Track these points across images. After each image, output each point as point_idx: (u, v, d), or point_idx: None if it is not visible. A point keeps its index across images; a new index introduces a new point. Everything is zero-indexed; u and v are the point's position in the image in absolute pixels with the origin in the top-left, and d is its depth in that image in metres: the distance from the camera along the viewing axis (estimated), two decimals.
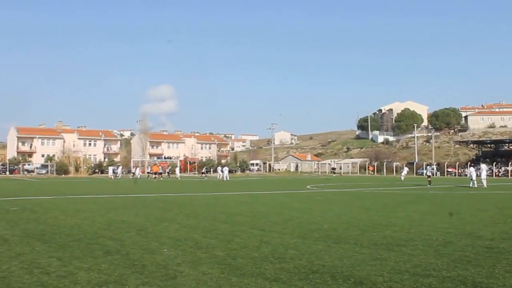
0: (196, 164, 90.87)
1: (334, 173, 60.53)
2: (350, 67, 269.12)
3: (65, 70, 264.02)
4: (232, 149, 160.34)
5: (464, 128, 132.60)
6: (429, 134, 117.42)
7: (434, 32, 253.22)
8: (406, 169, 60.26)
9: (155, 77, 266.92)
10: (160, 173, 61.95)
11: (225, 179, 56.38)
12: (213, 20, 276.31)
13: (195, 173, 79.93)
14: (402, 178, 54.34)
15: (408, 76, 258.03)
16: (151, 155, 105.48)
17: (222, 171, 60.38)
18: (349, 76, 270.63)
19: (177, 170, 70.05)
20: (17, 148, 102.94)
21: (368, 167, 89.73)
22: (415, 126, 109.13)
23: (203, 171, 73.17)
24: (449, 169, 79.78)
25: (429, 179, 41.39)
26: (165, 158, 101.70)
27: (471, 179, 36.50)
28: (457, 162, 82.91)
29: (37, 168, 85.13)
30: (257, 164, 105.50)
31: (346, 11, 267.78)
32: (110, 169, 69.78)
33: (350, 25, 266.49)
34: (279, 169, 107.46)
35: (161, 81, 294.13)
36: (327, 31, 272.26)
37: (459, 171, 77.46)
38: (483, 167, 37.86)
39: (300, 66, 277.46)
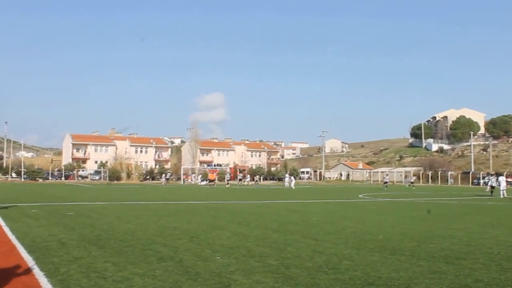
0: (245, 172, 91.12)
1: (386, 186, 58.64)
2: (402, 73, 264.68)
3: (117, 78, 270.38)
4: (282, 156, 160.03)
5: None
6: (486, 142, 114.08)
7: (490, 37, 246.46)
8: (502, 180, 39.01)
9: (206, 84, 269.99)
10: (213, 180, 62.86)
11: (287, 185, 57.51)
12: (264, 27, 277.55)
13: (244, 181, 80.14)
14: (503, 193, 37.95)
15: (463, 82, 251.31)
16: (201, 163, 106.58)
17: (290, 179, 60.95)
18: (402, 82, 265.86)
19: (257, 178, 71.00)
20: (72, 154, 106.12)
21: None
22: (471, 134, 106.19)
23: (256, 179, 74.28)
24: (509, 179, 77.06)
25: (492, 189, 39.88)
26: (215, 165, 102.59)
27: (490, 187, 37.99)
28: None
29: (90, 174, 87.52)
30: (307, 172, 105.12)
31: (400, 18, 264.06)
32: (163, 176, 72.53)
33: (403, 30, 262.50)
34: (329, 178, 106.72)
35: (212, 89, 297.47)
36: (379, 36, 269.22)
37: None
38: (502, 178, 37.77)
39: (351, 73, 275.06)
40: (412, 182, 63.28)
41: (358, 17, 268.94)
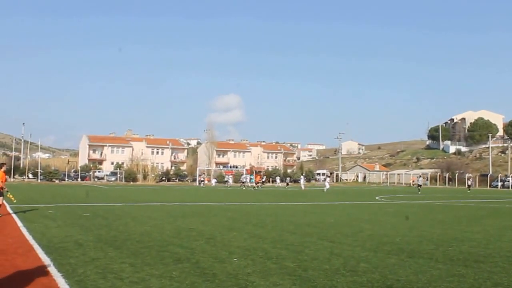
0: (261, 174, 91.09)
1: (419, 189, 52.34)
2: (420, 75, 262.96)
3: (134, 81, 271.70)
4: (298, 158, 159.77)
5: None
6: (505, 144, 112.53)
7: (509, 39, 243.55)
8: None
9: (222, 85, 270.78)
10: (263, 182, 61.30)
11: (303, 188, 57.40)
12: (281, 29, 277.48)
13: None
14: None
15: (481, 83, 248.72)
16: (217, 164, 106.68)
17: (324, 180, 61.19)
18: (419, 84, 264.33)
19: (302, 180, 66.30)
20: (88, 155, 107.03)
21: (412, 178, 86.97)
22: (490, 136, 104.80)
23: (286, 181, 74.60)
24: None
25: None
26: (231, 167, 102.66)
27: None
28: None
29: (106, 175, 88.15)
30: (323, 174, 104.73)
31: (416, 20, 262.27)
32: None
33: (421, 33, 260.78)
34: (346, 179, 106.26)
35: (228, 90, 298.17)
36: (396, 40, 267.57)
37: None
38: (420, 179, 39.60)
39: (368, 75, 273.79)
40: (470, 186, 59.53)
41: (374, 22, 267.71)
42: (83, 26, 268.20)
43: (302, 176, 68.57)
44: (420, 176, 62.76)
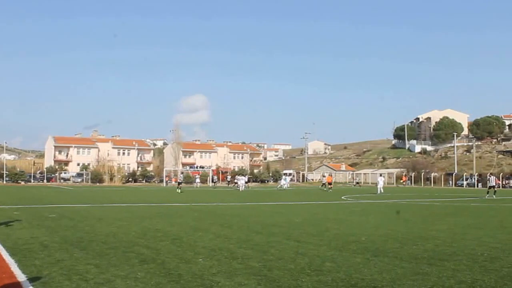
0: (227, 174, 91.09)
1: (494, 191, 39.09)
2: (386, 74, 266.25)
3: (100, 80, 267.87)
4: (265, 158, 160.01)
5: (508, 137, 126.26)
6: (470, 143, 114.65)
7: (473, 39, 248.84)
8: None
9: (188, 86, 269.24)
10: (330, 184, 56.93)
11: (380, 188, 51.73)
12: (246, 29, 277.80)
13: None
14: None
15: (446, 83, 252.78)
16: (183, 165, 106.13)
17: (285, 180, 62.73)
18: (385, 83, 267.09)
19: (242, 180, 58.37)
20: (54, 157, 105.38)
21: (401, 177, 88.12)
22: (455, 135, 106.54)
23: (234, 180, 73.36)
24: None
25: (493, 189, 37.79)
26: (197, 167, 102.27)
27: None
28: (501, 173, 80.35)
29: (73, 176, 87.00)
30: (290, 174, 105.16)
31: (382, 20, 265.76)
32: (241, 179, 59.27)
33: (386, 32, 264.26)
34: (312, 179, 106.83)
35: (194, 91, 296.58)
36: (361, 38, 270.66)
37: (503, 183, 75.28)
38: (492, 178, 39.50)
39: (334, 74, 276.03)
40: (493, 186, 41.19)
41: (340, 21, 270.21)
42: (49, 28, 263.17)
43: (241, 177, 62.01)
44: (491, 174, 52.67)
